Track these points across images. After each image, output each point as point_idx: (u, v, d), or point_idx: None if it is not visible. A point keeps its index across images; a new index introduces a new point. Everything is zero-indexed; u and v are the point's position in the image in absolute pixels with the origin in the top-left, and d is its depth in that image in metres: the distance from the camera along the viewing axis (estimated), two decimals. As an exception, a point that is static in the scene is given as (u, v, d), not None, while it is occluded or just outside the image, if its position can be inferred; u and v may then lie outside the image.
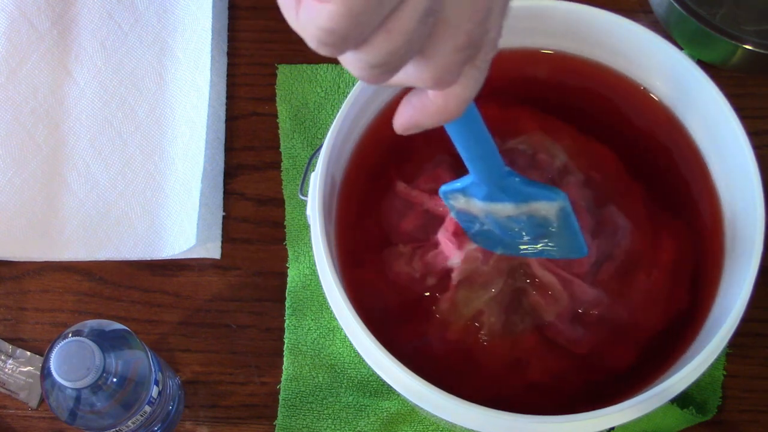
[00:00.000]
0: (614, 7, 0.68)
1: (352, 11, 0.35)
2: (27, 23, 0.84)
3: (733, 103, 0.65)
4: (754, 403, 0.75)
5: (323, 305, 0.76)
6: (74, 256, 0.79)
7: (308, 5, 0.35)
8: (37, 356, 0.77)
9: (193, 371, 0.77)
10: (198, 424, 0.76)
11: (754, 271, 0.60)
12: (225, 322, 0.78)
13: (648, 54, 0.68)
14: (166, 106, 0.83)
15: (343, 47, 0.36)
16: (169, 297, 0.79)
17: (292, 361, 0.76)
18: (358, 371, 0.75)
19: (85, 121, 0.82)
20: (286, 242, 0.79)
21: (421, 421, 0.74)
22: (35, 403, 0.76)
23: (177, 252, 0.78)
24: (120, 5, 0.85)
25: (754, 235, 0.62)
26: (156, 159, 0.81)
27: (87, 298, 0.79)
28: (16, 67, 0.83)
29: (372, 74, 0.38)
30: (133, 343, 0.66)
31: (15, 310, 0.78)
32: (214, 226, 0.80)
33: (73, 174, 0.81)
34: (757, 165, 0.63)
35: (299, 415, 0.75)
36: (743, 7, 0.82)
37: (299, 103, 0.83)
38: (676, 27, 0.82)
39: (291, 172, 0.81)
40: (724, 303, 0.63)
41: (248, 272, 0.79)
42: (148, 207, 0.80)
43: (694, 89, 0.67)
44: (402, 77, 0.39)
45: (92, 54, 0.84)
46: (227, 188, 0.81)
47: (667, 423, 0.72)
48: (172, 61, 0.84)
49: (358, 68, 0.38)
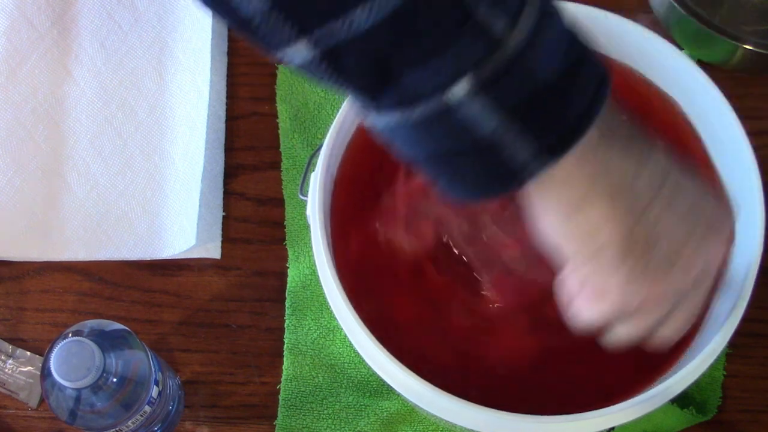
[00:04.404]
0: (614, 7, 0.68)
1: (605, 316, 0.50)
2: (27, 23, 0.84)
3: (733, 103, 0.65)
4: (754, 403, 0.75)
5: (323, 305, 0.76)
6: (74, 256, 0.79)
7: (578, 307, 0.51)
8: (37, 356, 0.77)
9: (193, 371, 0.77)
10: (198, 424, 0.76)
11: (754, 271, 0.60)
12: (225, 322, 0.78)
13: (648, 54, 0.68)
14: (166, 106, 0.83)
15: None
16: (169, 297, 0.79)
17: (292, 361, 0.76)
18: (358, 371, 0.75)
19: (85, 121, 0.82)
20: (286, 242, 0.79)
21: (421, 421, 0.74)
22: (35, 403, 0.76)
23: (177, 252, 0.78)
24: (120, 5, 0.85)
25: (754, 235, 0.62)
26: (156, 159, 0.81)
27: (87, 298, 0.79)
28: (16, 67, 0.83)
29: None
30: (133, 343, 0.66)
31: (15, 310, 0.78)
32: (214, 226, 0.80)
33: (73, 174, 0.81)
34: (757, 165, 0.63)
35: (299, 415, 0.75)
36: (743, 7, 0.82)
37: (299, 103, 0.83)
38: (676, 27, 0.82)
39: (291, 172, 0.81)
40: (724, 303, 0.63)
41: (248, 272, 0.79)
42: (148, 207, 0.80)
43: (694, 89, 0.67)
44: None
45: (92, 54, 0.84)
46: (227, 188, 0.81)
47: (667, 423, 0.72)
48: (172, 61, 0.84)
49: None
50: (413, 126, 0.42)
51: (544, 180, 0.45)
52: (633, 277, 0.49)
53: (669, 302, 0.51)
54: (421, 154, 0.44)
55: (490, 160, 0.43)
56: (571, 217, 0.47)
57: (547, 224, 0.48)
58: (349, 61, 0.40)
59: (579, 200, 0.47)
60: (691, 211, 0.50)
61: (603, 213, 0.47)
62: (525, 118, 0.42)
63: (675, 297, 0.51)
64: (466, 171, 0.44)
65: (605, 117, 0.45)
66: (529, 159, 0.43)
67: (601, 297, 0.49)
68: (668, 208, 0.49)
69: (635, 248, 0.48)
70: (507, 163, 0.43)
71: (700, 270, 0.51)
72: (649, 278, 0.49)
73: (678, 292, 0.51)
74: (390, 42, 0.40)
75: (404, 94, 0.41)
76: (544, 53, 0.42)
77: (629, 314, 0.50)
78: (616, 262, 0.48)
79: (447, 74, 0.40)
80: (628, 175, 0.47)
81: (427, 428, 0.74)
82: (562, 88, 0.43)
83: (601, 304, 0.50)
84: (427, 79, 0.41)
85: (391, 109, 0.42)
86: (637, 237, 0.48)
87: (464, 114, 0.41)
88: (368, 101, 0.43)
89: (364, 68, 0.41)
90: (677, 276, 0.50)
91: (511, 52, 0.41)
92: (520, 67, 0.41)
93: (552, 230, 0.48)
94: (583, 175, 0.46)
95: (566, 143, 0.44)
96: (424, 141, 0.43)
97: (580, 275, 0.49)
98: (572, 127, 0.44)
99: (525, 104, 0.42)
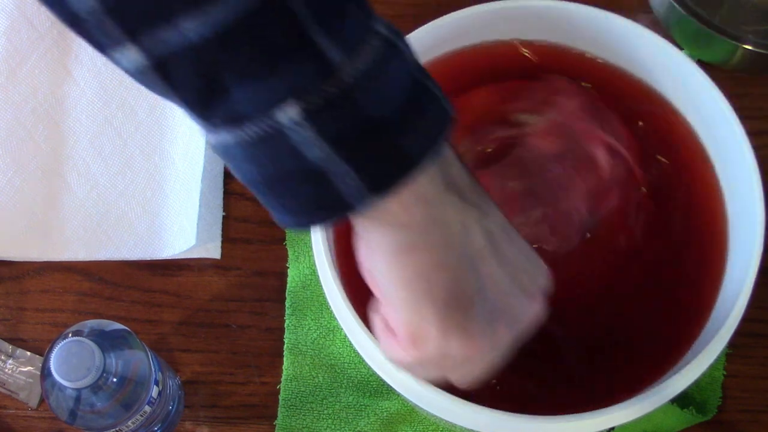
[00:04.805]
0: (614, 7, 0.68)
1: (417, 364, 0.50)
2: (27, 23, 0.84)
3: (733, 103, 0.65)
4: (754, 403, 0.75)
5: (323, 305, 0.76)
6: (74, 256, 0.79)
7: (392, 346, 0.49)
8: (37, 356, 0.77)
9: (193, 371, 0.77)
10: (198, 424, 0.76)
11: (754, 271, 0.60)
12: (225, 322, 0.78)
13: (648, 54, 0.68)
14: (166, 105, 0.83)
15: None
16: (169, 297, 0.79)
17: (292, 361, 0.76)
18: (358, 371, 0.75)
19: (85, 121, 0.82)
20: (286, 242, 0.79)
21: (421, 421, 0.74)
22: (35, 403, 0.76)
23: (177, 252, 0.78)
24: (120, 5, 0.85)
25: (754, 235, 0.62)
26: (156, 159, 0.81)
27: (87, 298, 0.79)
28: (16, 67, 0.83)
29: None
30: (133, 343, 0.66)
31: (15, 310, 0.78)
32: (214, 226, 0.80)
33: (73, 174, 0.81)
34: (757, 165, 0.63)
35: (299, 415, 0.75)
36: (743, 7, 0.82)
37: (299, 103, 0.82)
38: (676, 27, 0.82)
39: (291, 172, 0.81)
40: (724, 303, 0.63)
41: (248, 272, 0.79)
42: (148, 207, 0.80)
43: (694, 89, 0.67)
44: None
45: (92, 54, 0.84)
46: (227, 188, 0.81)
47: (667, 423, 0.72)
48: (172, 61, 0.84)
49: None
50: (243, 146, 0.41)
51: (375, 215, 0.44)
52: (454, 330, 0.47)
53: (484, 358, 0.49)
54: (256, 177, 0.43)
55: (320, 188, 0.42)
56: (400, 258, 0.46)
57: (374, 260, 0.47)
58: (179, 72, 0.39)
59: (410, 244, 0.45)
60: (517, 270, 0.49)
61: (434, 260, 0.46)
62: (352, 151, 0.41)
63: (491, 353, 0.49)
64: (296, 197, 0.43)
65: (445, 163, 0.44)
66: (356, 193, 0.42)
67: (419, 343, 0.48)
68: (500, 265, 0.48)
69: (461, 300, 0.47)
70: (335, 193, 0.42)
71: (521, 329, 0.50)
72: (470, 333, 0.47)
73: (494, 349, 0.49)
74: (219, 57, 0.38)
75: (233, 112, 0.40)
76: (382, 88, 0.41)
77: (446, 366, 0.49)
78: (440, 313, 0.46)
79: (274, 96, 0.39)
80: (464, 223, 0.46)
81: (427, 428, 0.74)
82: (396, 126, 0.41)
83: (417, 351, 0.48)
84: (254, 99, 0.40)
85: (222, 126, 0.41)
86: (465, 289, 0.47)
87: (294, 139, 0.40)
88: (198, 116, 0.42)
89: (193, 81, 0.40)
90: (498, 334, 0.49)
91: (344, 83, 0.39)
92: (353, 99, 0.40)
93: (378, 266, 0.47)
94: (418, 220, 0.44)
95: (394, 183, 0.42)
96: (256, 162, 0.42)
97: (399, 316, 0.48)
98: (403, 167, 0.42)
99: (354, 137, 0.41)
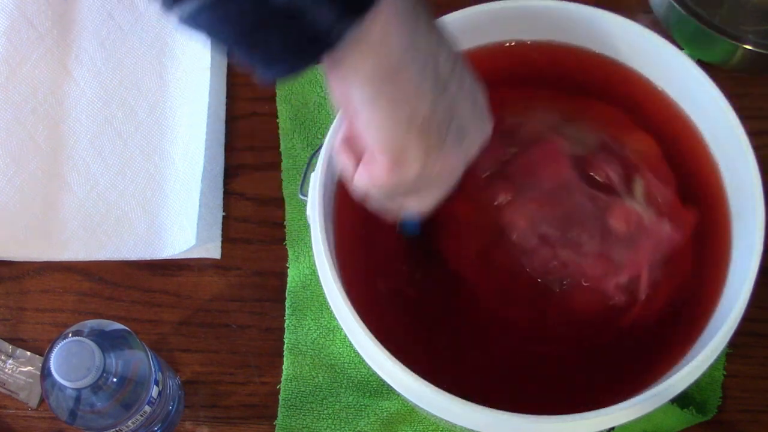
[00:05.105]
0: (614, 7, 0.68)
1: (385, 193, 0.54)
2: (27, 23, 0.84)
3: (733, 103, 0.65)
4: (754, 403, 0.75)
5: (323, 305, 0.76)
6: (74, 256, 0.79)
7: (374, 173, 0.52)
8: (37, 356, 0.77)
9: (193, 371, 0.77)
10: (198, 424, 0.76)
11: (754, 271, 0.60)
12: (225, 322, 0.78)
13: (648, 54, 0.68)
14: (166, 106, 0.83)
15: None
16: (169, 297, 0.79)
17: (292, 361, 0.76)
18: (358, 371, 0.75)
19: (85, 121, 0.82)
20: (286, 242, 0.79)
21: (421, 421, 0.74)
22: (35, 403, 0.76)
23: (177, 252, 0.78)
24: (120, 5, 0.85)
25: (754, 235, 0.62)
26: (156, 159, 0.81)
27: (87, 298, 0.79)
28: (16, 67, 0.83)
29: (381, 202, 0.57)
30: (133, 343, 0.66)
31: (15, 310, 0.78)
32: (214, 226, 0.80)
33: (73, 174, 0.81)
34: (757, 165, 0.63)
35: (299, 415, 0.75)
36: (743, 7, 0.82)
37: (299, 103, 0.83)
38: (676, 27, 0.82)
39: (291, 172, 0.81)
40: (725, 303, 0.63)
41: (248, 272, 0.79)
42: (148, 207, 0.80)
43: (694, 89, 0.67)
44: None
45: (92, 54, 0.84)
46: (227, 188, 0.81)
47: (667, 423, 0.72)
48: (172, 61, 0.84)
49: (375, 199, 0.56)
50: (210, 7, 0.43)
51: (355, 45, 0.46)
52: (434, 150, 0.51)
53: (457, 174, 0.54)
54: (230, 36, 0.45)
55: (295, 28, 0.43)
56: (382, 85, 0.48)
57: (355, 92, 0.49)
58: None
59: (390, 69, 0.47)
60: (472, 94, 0.53)
61: (413, 85, 0.48)
62: None
63: (458, 171, 0.55)
64: (276, 43, 0.44)
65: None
66: (334, 20, 0.44)
67: (402, 165, 0.51)
68: (461, 88, 0.52)
69: (439, 122, 0.51)
70: (312, 29, 0.43)
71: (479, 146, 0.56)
72: (446, 151, 0.52)
73: (462, 165, 0.55)
74: None
75: None
76: None
77: (419, 187, 0.53)
78: (423, 134, 0.50)
79: None
80: (432, 50, 0.49)
81: (427, 428, 0.74)
82: None
83: (399, 173, 0.51)
84: None
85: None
86: (440, 111, 0.50)
87: None
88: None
89: None
90: (466, 151, 0.54)
91: None
92: None
93: (359, 96, 0.49)
94: (395, 42, 0.47)
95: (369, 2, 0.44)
96: (226, 20, 0.44)
97: (383, 142, 0.51)
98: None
99: None
